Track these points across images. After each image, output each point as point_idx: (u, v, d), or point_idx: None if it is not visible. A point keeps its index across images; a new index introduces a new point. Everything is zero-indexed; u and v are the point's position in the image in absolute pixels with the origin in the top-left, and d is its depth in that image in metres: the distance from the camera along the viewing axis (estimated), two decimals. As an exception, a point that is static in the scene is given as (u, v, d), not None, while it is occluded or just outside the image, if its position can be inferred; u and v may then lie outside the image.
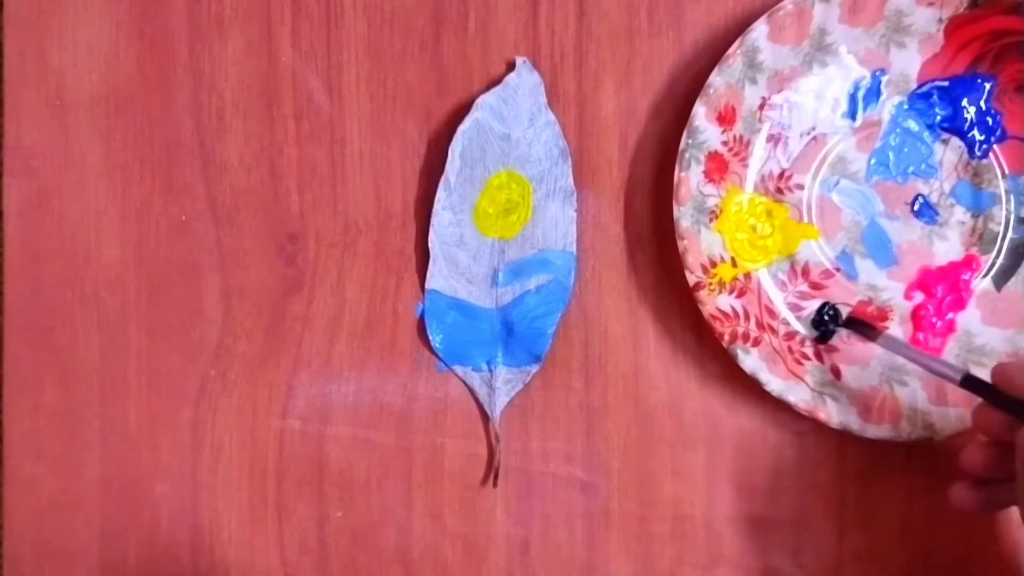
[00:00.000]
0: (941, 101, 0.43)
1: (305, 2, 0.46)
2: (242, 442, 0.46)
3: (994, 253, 0.43)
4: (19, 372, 0.46)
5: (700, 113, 0.43)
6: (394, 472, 0.46)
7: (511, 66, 0.44)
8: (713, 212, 0.43)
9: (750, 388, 0.43)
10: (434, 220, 0.44)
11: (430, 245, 0.44)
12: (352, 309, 0.46)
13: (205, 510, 0.46)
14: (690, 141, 0.43)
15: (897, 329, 0.44)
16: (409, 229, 0.46)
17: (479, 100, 0.43)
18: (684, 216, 0.43)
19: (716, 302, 0.43)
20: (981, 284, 0.44)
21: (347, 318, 0.46)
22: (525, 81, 0.44)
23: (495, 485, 0.45)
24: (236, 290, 0.46)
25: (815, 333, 0.44)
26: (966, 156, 0.44)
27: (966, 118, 0.43)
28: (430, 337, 0.45)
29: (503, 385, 0.45)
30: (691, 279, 0.43)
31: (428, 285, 0.45)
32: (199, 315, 0.46)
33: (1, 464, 0.46)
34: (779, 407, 0.43)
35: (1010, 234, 0.43)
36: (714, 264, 0.43)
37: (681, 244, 0.43)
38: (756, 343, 0.43)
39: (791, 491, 0.45)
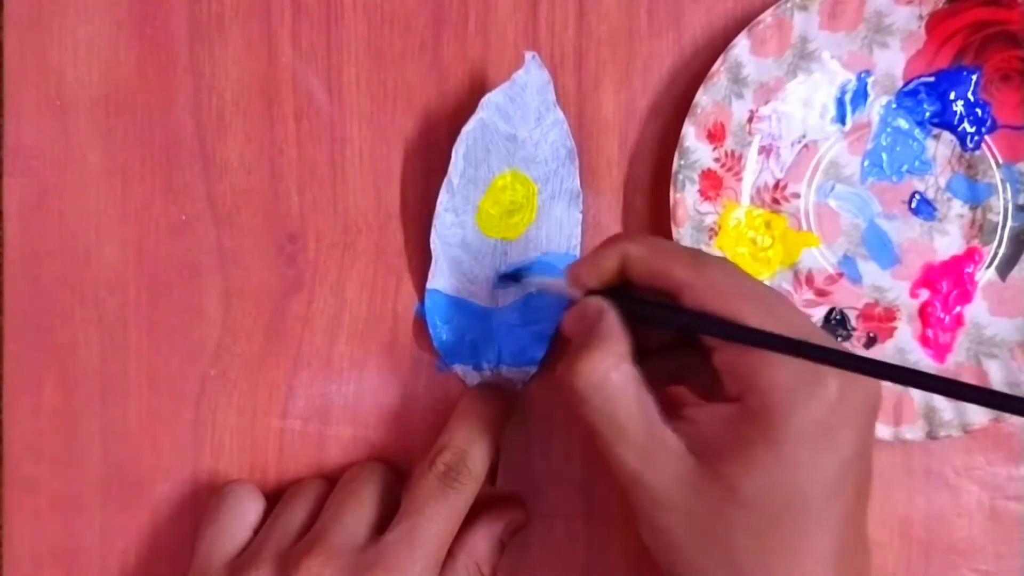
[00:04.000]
0: (929, 97, 0.44)
1: (305, 2, 0.46)
2: (242, 442, 0.46)
3: (995, 243, 0.44)
4: (19, 372, 0.46)
5: (690, 133, 0.42)
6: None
7: (512, 66, 0.44)
8: (712, 230, 0.43)
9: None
10: (436, 221, 0.44)
11: (432, 246, 0.44)
12: (352, 309, 0.46)
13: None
14: (682, 162, 0.43)
15: (906, 328, 0.44)
16: (410, 229, 0.46)
17: (485, 99, 0.43)
18: (684, 237, 0.43)
19: None
20: (985, 275, 0.44)
21: (347, 318, 0.46)
22: (534, 78, 0.43)
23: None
24: (236, 290, 0.46)
25: None
26: (959, 149, 0.44)
27: (955, 111, 0.43)
28: (430, 337, 0.45)
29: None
30: None
31: (429, 285, 0.44)
32: (199, 315, 0.46)
33: (1, 464, 0.46)
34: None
35: (1009, 223, 0.43)
36: None
37: None
38: None
39: (790, 490, 0.45)
